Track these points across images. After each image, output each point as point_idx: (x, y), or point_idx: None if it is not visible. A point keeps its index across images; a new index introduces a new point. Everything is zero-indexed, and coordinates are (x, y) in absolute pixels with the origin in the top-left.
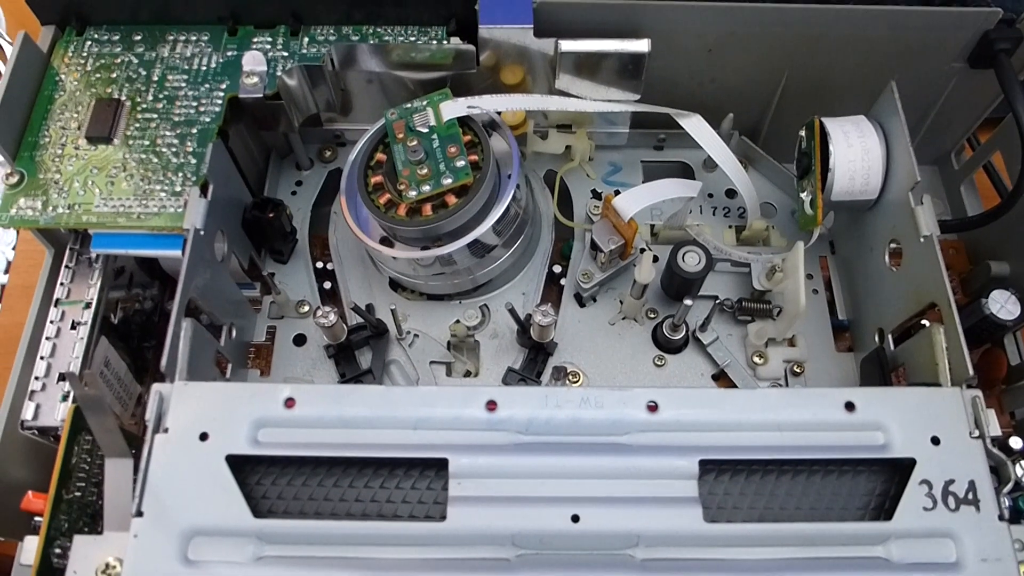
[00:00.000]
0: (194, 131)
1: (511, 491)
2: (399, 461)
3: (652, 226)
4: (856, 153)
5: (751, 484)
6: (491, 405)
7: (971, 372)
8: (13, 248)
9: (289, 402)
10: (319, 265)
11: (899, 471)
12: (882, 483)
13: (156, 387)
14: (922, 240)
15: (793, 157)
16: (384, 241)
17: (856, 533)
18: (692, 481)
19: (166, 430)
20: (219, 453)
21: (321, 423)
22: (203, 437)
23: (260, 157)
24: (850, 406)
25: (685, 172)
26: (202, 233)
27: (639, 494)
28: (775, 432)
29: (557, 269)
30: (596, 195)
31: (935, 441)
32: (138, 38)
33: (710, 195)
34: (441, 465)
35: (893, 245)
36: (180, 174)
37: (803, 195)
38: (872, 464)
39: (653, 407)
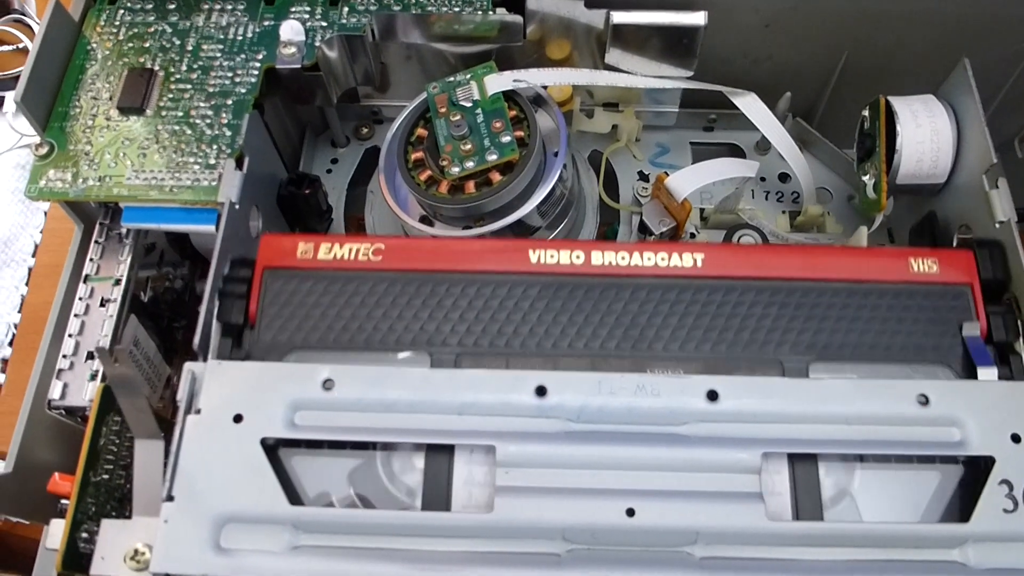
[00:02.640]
0: (229, 102)
1: (561, 482)
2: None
3: (702, 210)
4: (925, 134)
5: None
6: (541, 391)
7: None
8: (40, 231)
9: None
10: None
11: (976, 470)
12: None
13: (188, 366)
14: (998, 226)
15: (850, 142)
16: (424, 220)
17: (930, 535)
18: (754, 476)
19: (198, 411)
20: (254, 436)
21: (361, 406)
22: (237, 419)
23: (295, 134)
24: (924, 399)
25: (736, 154)
26: (237, 207)
27: (698, 488)
28: (843, 425)
29: None
30: (643, 177)
31: (1015, 439)
32: (172, 6)
33: (763, 179)
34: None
35: (963, 233)
36: (215, 146)
37: (865, 178)
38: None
39: (713, 396)
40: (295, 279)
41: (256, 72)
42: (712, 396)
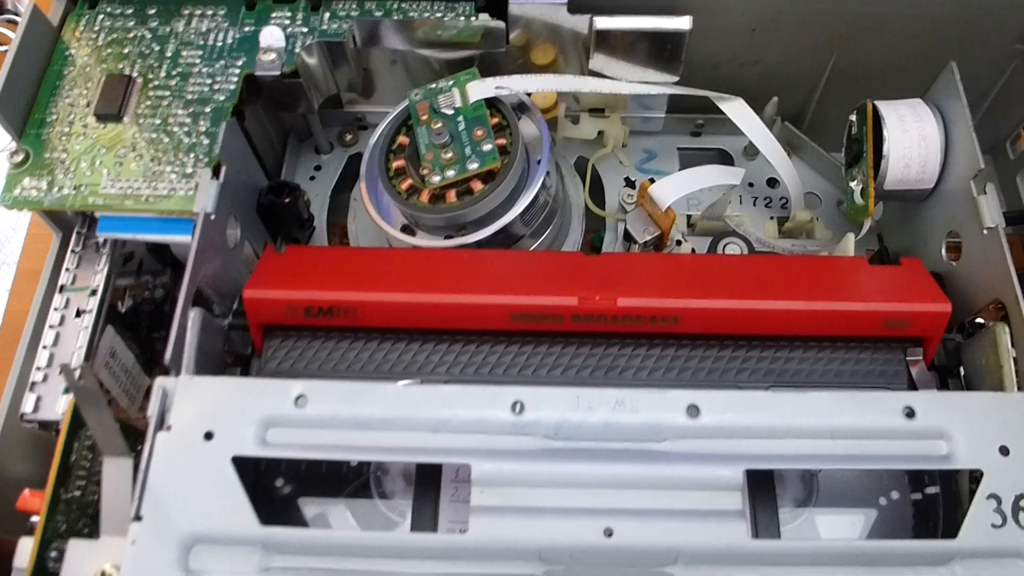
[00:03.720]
0: (207, 110)
1: (538, 501)
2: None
3: (688, 217)
4: (912, 139)
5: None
6: (518, 407)
7: None
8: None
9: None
10: None
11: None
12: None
13: (159, 381)
14: (985, 232)
15: (839, 146)
16: (406, 229)
17: (918, 551)
18: (736, 493)
19: (169, 428)
20: (225, 454)
21: (335, 423)
22: (208, 436)
23: (278, 140)
24: (910, 412)
25: (724, 160)
26: (212, 217)
27: (678, 506)
28: (827, 440)
29: None
30: (629, 183)
31: (1004, 451)
32: (152, 12)
33: (750, 184)
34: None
35: (951, 238)
36: (192, 155)
37: (853, 184)
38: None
39: (694, 411)
40: (292, 336)
41: (235, 79)
42: (693, 411)
